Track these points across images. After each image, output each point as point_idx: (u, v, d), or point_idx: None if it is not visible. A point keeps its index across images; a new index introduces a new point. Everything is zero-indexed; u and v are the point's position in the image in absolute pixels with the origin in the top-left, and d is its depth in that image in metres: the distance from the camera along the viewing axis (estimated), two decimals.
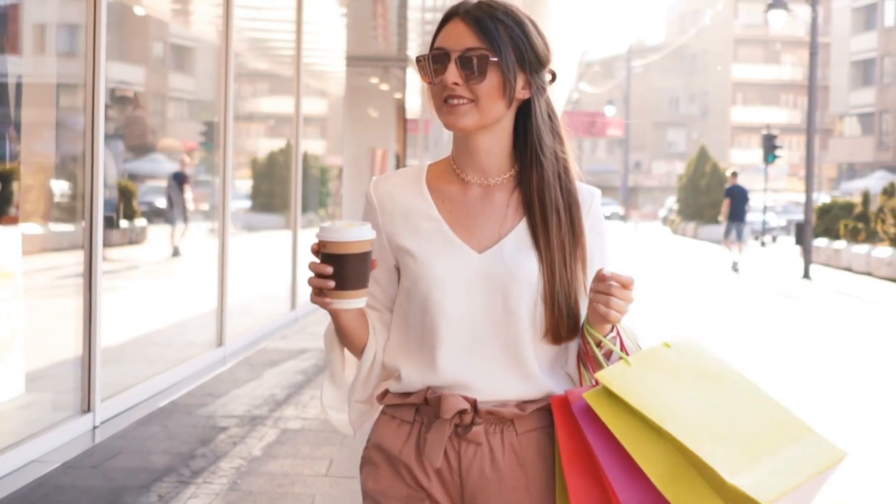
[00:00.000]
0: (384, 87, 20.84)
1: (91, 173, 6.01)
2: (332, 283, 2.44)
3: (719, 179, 47.65)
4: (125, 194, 8.05)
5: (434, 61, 2.56)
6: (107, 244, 6.51)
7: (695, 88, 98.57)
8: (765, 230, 45.07)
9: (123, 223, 6.95)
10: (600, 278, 2.47)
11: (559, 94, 27.72)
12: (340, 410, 2.78)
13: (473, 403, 2.57)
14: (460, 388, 2.57)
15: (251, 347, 9.01)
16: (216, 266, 8.61)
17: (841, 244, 29.91)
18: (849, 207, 32.05)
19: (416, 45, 18.87)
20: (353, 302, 2.47)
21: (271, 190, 11.45)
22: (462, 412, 2.56)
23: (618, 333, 2.56)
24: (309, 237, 11.89)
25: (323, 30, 14.13)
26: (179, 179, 9.02)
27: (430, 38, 2.56)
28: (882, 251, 26.27)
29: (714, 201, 45.28)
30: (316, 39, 12.02)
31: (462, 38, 2.54)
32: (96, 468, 6.35)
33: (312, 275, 2.47)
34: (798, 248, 29.42)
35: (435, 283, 2.56)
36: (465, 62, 2.52)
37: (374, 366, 2.70)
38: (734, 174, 30.24)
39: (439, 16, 14.05)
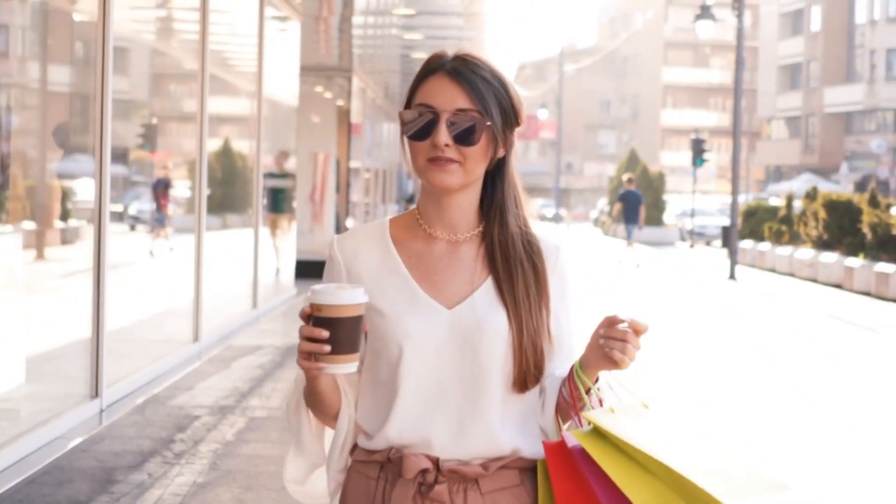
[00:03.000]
0: (328, 94, 21.55)
1: (100, 174, 6.80)
2: (327, 348, 2.38)
3: (649, 182, 48.17)
4: (56, 194, 8.28)
5: (420, 118, 2.52)
6: (49, 244, 7.20)
7: (625, 91, 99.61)
8: (693, 233, 45.67)
9: (59, 223, 7.50)
10: (613, 322, 2.48)
11: None
12: (303, 483, 2.75)
13: (436, 462, 2.54)
14: (425, 446, 2.54)
15: (221, 343, 9.73)
16: (192, 266, 9.29)
17: (765, 246, 30.77)
18: (773, 210, 33.07)
19: (358, 56, 19.61)
20: (346, 367, 2.42)
21: (213, 192, 11.79)
22: (424, 471, 2.53)
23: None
24: (233, 237, 12.37)
25: (275, 41, 14.76)
26: (160, 185, 9.68)
27: (370, 51, 2.69)
28: (804, 253, 27.03)
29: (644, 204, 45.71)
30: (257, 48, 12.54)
31: (452, 97, 2.51)
32: (86, 451, 7.08)
33: (303, 339, 2.40)
34: (725, 250, 30.43)
35: (405, 341, 2.52)
36: (455, 123, 2.50)
37: (350, 430, 2.66)
38: (630, 180, 31.86)
39: (380, 32, 14.67)
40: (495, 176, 2.63)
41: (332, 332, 2.38)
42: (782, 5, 79.54)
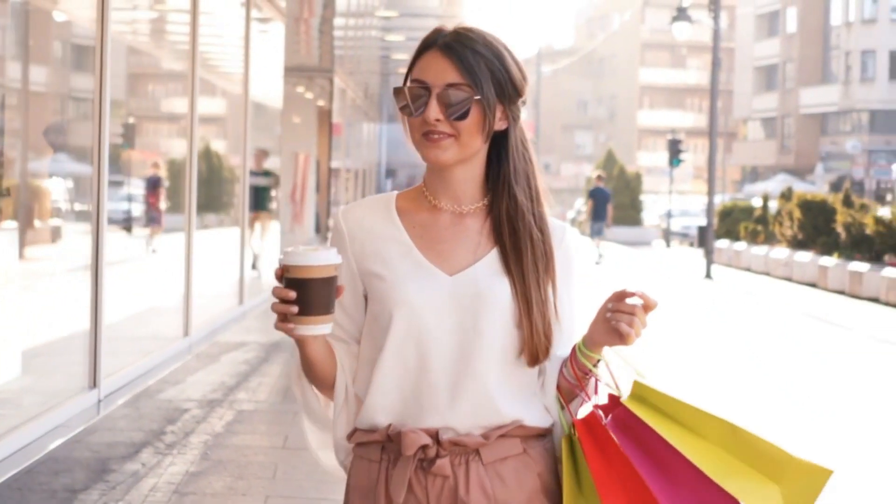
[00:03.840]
0: (309, 95, 21.73)
1: (98, 174, 7.01)
2: (295, 309, 2.37)
3: (626, 182, 48.26)
4: (39, 194, 8.37)
5: (413, 94, 2.52)
6: (29, 243, 7.40)
7: (603, 92, 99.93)
8: (676, 233, 45.76)
9: (54, 221, 7.69)
10: (623, 296, 2.50)
11: None
12: (329, 449, 2.73)
13: (435, 435, 2.52)
14: (423, 414, 2.53)
15: (209, 339, 9.94)
16: (183, 264, 9.52)
17: (741, 245, 31.08)
18: (749, 210, 33.40)
19: (339, 57, 19.78)
20: (317, 328, 2.41)
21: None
22: (424, 447, 2.51)
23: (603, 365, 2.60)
24: (216, 236, 12.58)
25: (260, 43, 14.94)
26: (153, 184, 9.89)
27: (351, 52, 2.61)
28: (779, 252, 27.33)
29: (620, 203, 45.06)
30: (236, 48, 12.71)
31: (443, 72, 2.50)
32: (80, 442, 7.27)
33: (276, 300, 2.40)
34: (701, 250, 30.71)
35: (405, 305, 2.51)
36: (446, 98, 2.48)
37: (349, 399, 2.65)
38: (599, 177, 32.39)
39: (360, 33, 14.86)
40: (501, 149, 2.61)
41: (303, 294, 2.36)
42: (758, 7, 79.99)
